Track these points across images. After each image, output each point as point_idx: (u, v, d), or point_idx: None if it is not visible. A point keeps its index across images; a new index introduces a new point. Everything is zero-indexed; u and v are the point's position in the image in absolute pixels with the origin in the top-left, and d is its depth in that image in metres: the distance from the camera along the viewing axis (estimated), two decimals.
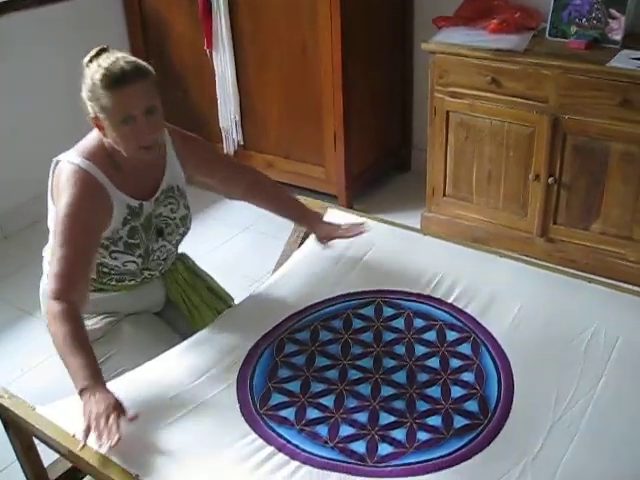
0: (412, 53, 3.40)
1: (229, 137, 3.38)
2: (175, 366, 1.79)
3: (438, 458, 1.54)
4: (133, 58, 1.80)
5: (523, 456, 1.53)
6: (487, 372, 1.75)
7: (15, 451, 1.82)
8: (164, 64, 3.56)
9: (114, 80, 1.72)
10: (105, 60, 1.75)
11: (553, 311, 1.90)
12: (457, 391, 1.71)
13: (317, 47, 3.01)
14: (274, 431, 1.60)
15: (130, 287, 2.01)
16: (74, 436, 1.54)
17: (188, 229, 2.09)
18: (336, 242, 2.18)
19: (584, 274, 2.08)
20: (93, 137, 1.90)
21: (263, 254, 2.83)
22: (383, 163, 3.44)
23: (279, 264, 2.38)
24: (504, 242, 2.40)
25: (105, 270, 1.94)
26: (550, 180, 2.62)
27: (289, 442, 1.57)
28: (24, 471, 1.88)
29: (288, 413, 1.65)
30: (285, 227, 3.23)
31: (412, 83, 3.47)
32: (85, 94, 1.79)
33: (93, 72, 1.75)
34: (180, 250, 2.13)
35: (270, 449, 1.55)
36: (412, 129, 3.55)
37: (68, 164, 1.82)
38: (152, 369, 1.78)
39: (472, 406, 1.67)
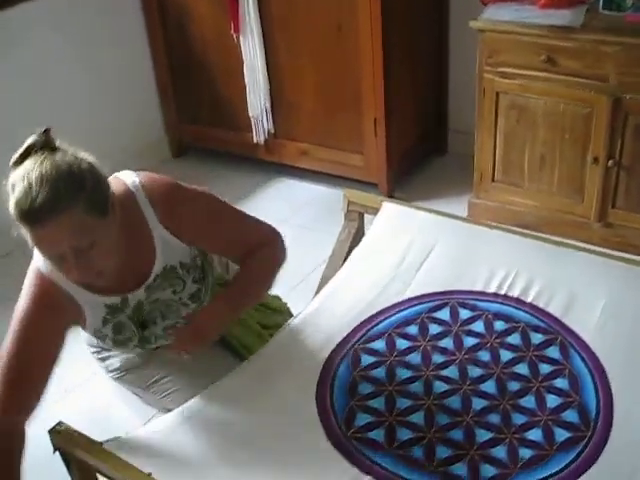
0: (448, 32, 3.25)
1: (259, 126, 3.23)
2: (241, 390, 1.67)
3: (549, 477, 1.44)
4: (58, 176, 1.37)
5: (638, 470, 1.42)
6: (581, 377, 1.64)
7: None
8: (185, 47, 3.41)
9: (25, 216, 1.36)
10: (20, 182, 1.36)
11: (638, 307, 1.78)
12: (553, 400, 1.59)
13: (355, 29, 2.86)
14: (367, 457, 1.49)
15: None
16: (150, 475, 1.42)
17: (202, 304, 1.76)
18: (396, 239, 2.05)
19: None
20: None
21: (306, 248, 2.72)
22: (420, 148, 3.30)
23: (331, 264, 2.26)
24: (558, 228, 2.28)
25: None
26: (610, 163, 2.50)
27: (383, 468, 1.46)
28: None
29: (377, 435, 1.54)
30: (323, 218, 3.12)
31: (448, 63, 3.32)
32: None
33: (8, 193, 1.39)
34: None
35: (365, 478, 1.44)
36: (448, 111, 3.41)
37: (30, 270, 1.56)
38: (216, 395, 1.65)
39: (571, 416, 1.56)
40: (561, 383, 1.63)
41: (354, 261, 2.04)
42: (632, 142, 2.50)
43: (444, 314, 1.83)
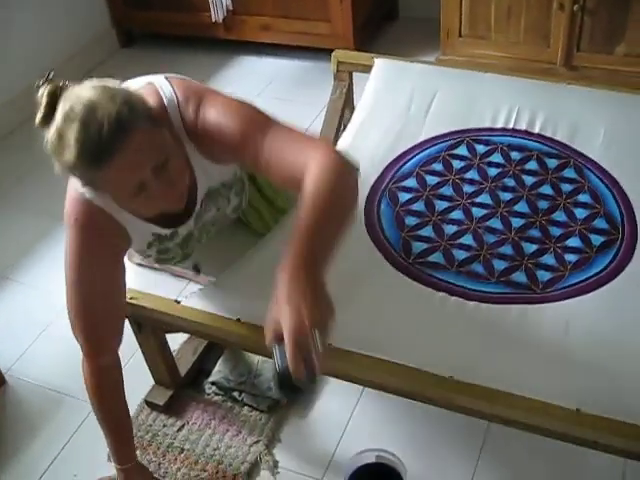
0: None
1: (216, 3, 3.10)
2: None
3: (595, 275, 1.58)
4: (103, 101, 1.19)
5: None
6: (599, 190, 1.79)
7: (144, 353, 1.73)
8: None
9: (96, 155, 1.18)
10: (68, 127, 1.18)
11: (637, 128, 1.93)
12: (580, 212, 1.74)
13: None
14: (436, 278, 1.59)
15: None
16: (239, 319, 1.46)
17: (242, 207, 1.71)
18: (396, 91, 2.10)
19: None
20: None
21: (288, 119, 2.73)
22: (376, 13, 3.28)
23: (327, 123, 2.29)
24: (526, 74, 2.37)
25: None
26: (575, 8, 2.60)
27: (455, 285, 1.57)
28: (152, 373, 1.81)
29: (437, 257, 1.64)
30: (296, 90, 3.11)
31: None
32: (57, 168, 1.25)
33: (54, 151, 1.22)
34: None
35: (440, 295, 1.55)
36: None
37: (71, 196, 1.40)
38: (260, 251, 1.66)
39: (600, 223, 1.71)
40: (584, 197, 1.78)
41: (361, 113, 2.08)
42: None
43: (462, 150, 1.92)
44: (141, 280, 2.15)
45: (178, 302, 1.55)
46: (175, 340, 1.89)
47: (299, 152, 1.29)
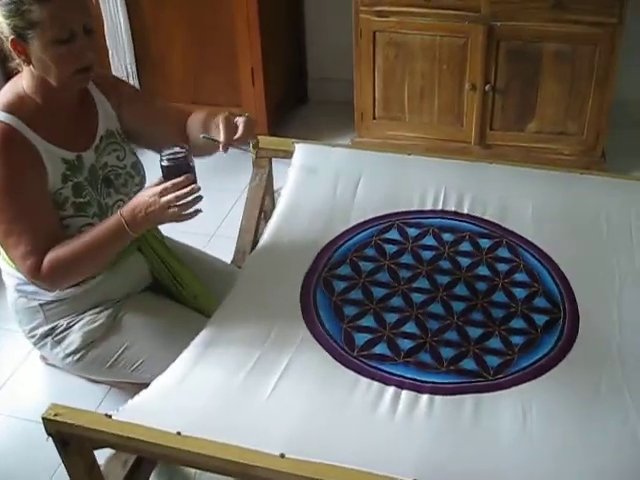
0: None
1: None
2: (227, 340, 1.59)
3: (545, 356, 1.54)
4: None
5: (612, 336, 1.57)
6: (536, 269, 1.77)
7: (70, 474, 1.54)
8: None
9: None
10: None
11: (563, 204, 1.94)
12: (520, 292, 1.70)
13: None
14: (383, 370, 1.50)
15: (109, 263, 1.74)
16: (179, 434, 1.32)
17: (144, 178, 1.86)
18: (320, 176, 2.05)
19: None
20: (9, 88, 1.64)
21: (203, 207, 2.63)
22: (287, 97, 3.28)
23: (248, 212, 2.22)
24: (441, 154, 2.40)
25: None
26: (487, 87, 2.67)
27: (404, 377, 1.48)
28: None
29: (382, 349, 1.55)
30: (212, 175, 3.01)
31: (303, 12, 3.31)
32: (1, 12, 1.51)
33: None
34: None
35: (391, 389, 1.45)
36: (306, 59, 3.42)
37: None
38: (199, 352, 1.55)
39: (541, 302, 1.68)
40: (521, 277, 1.75)
41: (286, 201, 2.01)
42: (505, 65, 2.68)
43: (394, 234, 1.87)
44: (56, 388, 2.00)
45: (109, 416, 1.38)
46: (102, 452, 1.71)
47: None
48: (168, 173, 1.56)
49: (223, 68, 2.99)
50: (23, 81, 1.63)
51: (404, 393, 1.44)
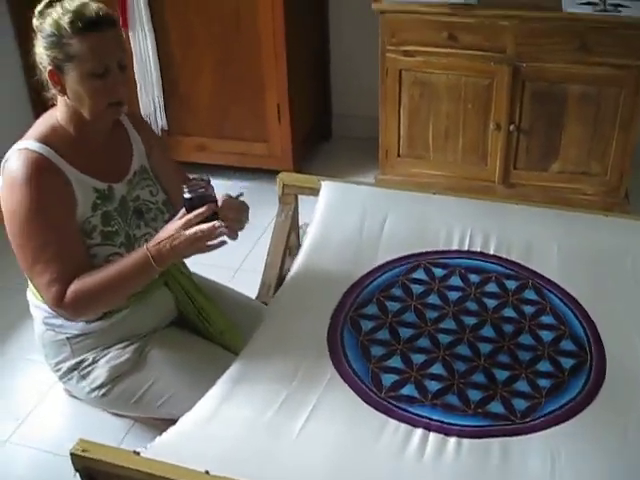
0: (327, 17, 3.30)
1: (152, 124, 3.05)
2: (255, 378, 1.60)
3: (572, 400, 1.53)
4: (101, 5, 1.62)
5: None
6: (561, 311, 1.77)
7: None
8: None
9: (88, 23, 1.55)
10: (70, 4, 1.58)
11: (588, 246, 1.95)
12: (546, 335, 1.71)
13: (254, 13, 2.80)
14: (410, 412, 1.50)
15: (135, 296, 1.76)
16: (207, 472, 1.33)
17: (173, 216, 1.84)
18: (346, 214, 2.07)
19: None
20: (44, 120, 1.70)
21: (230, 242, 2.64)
22: (313, 134, 3.32)
23: (274, 248, 2.23)
24: (465, 193, 2.42)
25: None
26: (511, 128, 2.69)
27: (431, 419, 1.48)
28: None
29: (409, 390, 1.56)
30: None
31: (329, 49, 3.36)
32: (42, 44, 1.59)
33: (57, 17, 1.56)
34: None
35: (419, 431, 1.45)
36: (331, 96, 3.45)
37: (15, 152, 1.63)
38: (227, 390, 1.57)
39: (568, 345, 1.68)
40: (547, 319, 1.75)
41: (313, 238, 2.03)
42: (530, 106, 2.70)
43: (420, 274, 1.89)
44: (79, 421, 2.01)
45: (137, 453, 1.40)
46: None
47: None
48: (191, 206, 1.59)
49: (250, 103, 3.02)
50: (57, 112, 1.68)
51: (432, 436, 1.44)
